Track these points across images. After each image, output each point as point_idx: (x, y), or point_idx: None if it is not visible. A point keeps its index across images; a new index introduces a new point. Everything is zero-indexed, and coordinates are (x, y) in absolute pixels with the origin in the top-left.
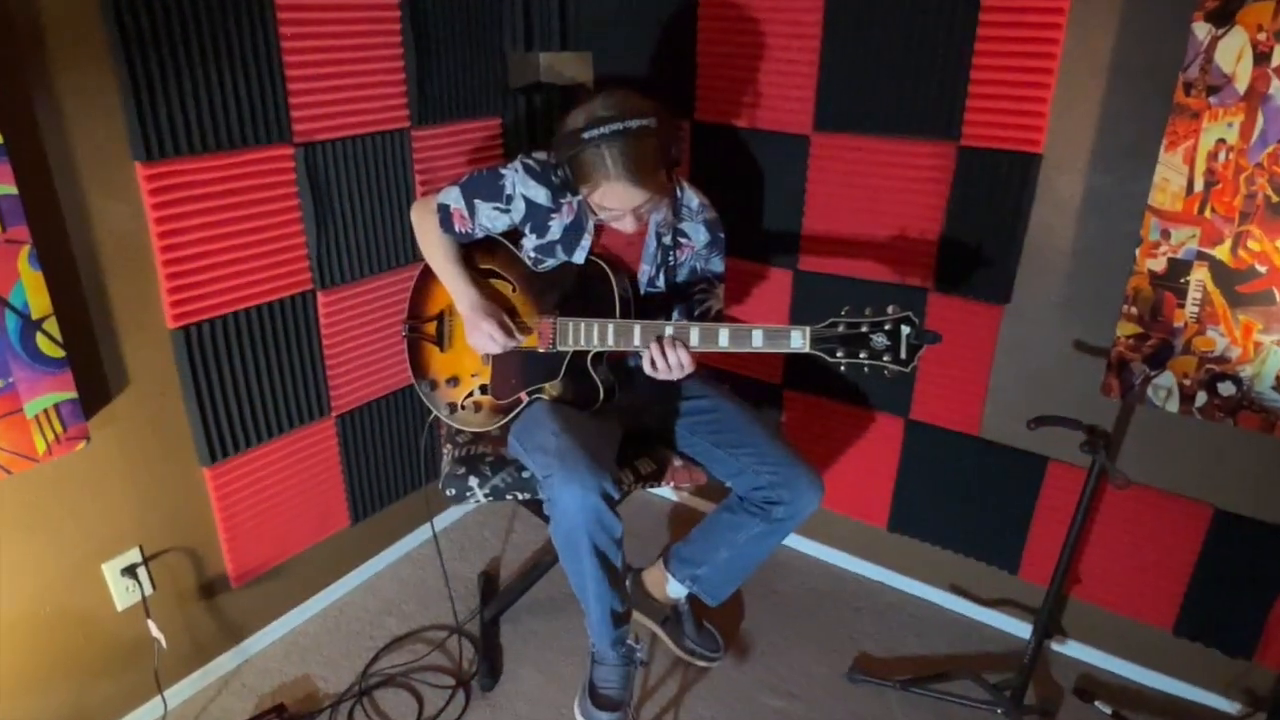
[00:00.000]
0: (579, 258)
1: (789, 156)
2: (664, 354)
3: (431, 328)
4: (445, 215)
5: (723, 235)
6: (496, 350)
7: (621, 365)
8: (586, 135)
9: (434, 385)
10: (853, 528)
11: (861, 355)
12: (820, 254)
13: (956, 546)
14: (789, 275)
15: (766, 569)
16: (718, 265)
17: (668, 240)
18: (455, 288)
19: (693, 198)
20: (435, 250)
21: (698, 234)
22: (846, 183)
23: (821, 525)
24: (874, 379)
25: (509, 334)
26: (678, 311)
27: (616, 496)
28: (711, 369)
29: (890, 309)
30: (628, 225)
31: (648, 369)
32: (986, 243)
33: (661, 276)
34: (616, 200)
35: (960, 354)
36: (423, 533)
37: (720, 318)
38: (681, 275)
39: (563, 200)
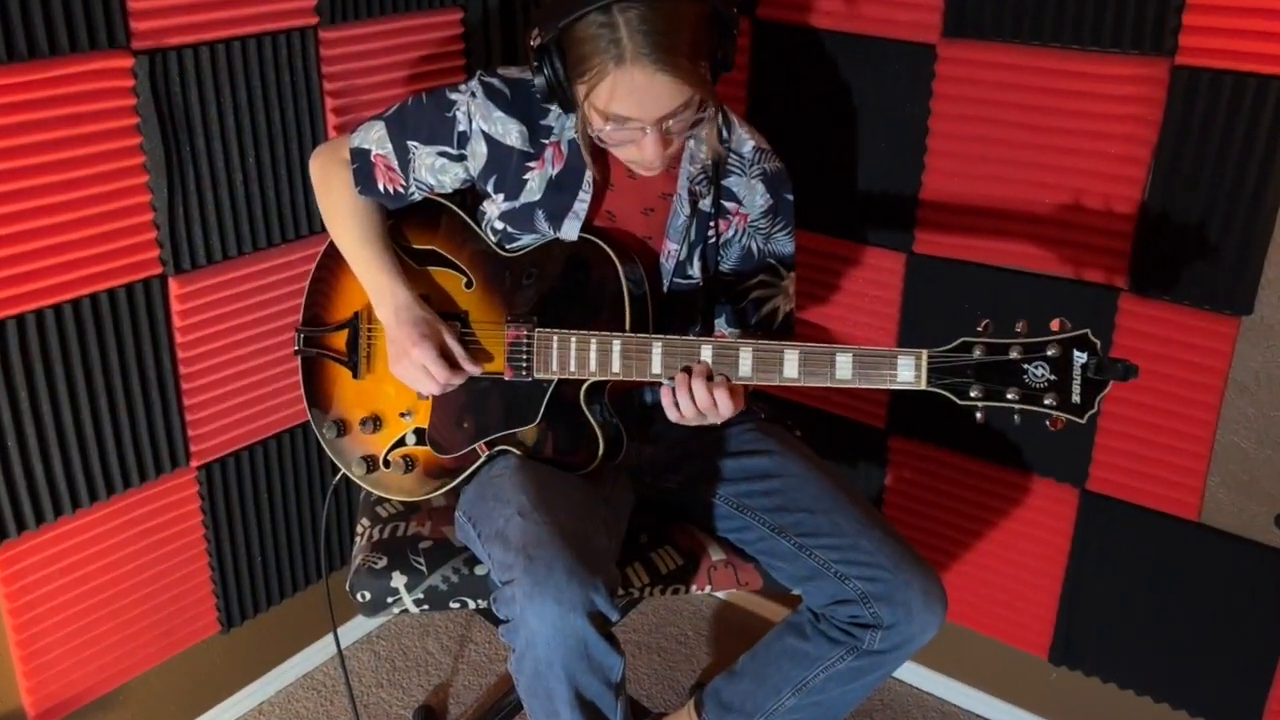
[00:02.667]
0: (570, 230)
1: (903, 78)
2: (689, 390)
3: (340, 340)
4: (364, 167)
5: (791, 198)
6: (434, 391)
7: (631, 402)
8: None
9: (342, 428)
10: (996, 655)
11: (1010, 395)
12: (948, 230)
13: (1158, 692)
14: (899, 261)
15: (858, 713)
16: (785, 245)
17: (706, 204)
18: (373, 281)
19: (746, 140)
20: (346, 222)
21: (752, 195)
22: (992, 119)
23: (946, 649)
24: (1030, 428)
25: (454, 368)
26: (724, 318)
27: (614, 617)
28: (776, 403)
29: (1056, 323)
30: (648, 154)
31: (669, 411)
32: (1214, 219)
33: (697, 262)
34: (632, 100)
35: (1170, 392)
36: (331, 643)
37: (790, 326)
38: (730, 260)
39: (545, 140)
